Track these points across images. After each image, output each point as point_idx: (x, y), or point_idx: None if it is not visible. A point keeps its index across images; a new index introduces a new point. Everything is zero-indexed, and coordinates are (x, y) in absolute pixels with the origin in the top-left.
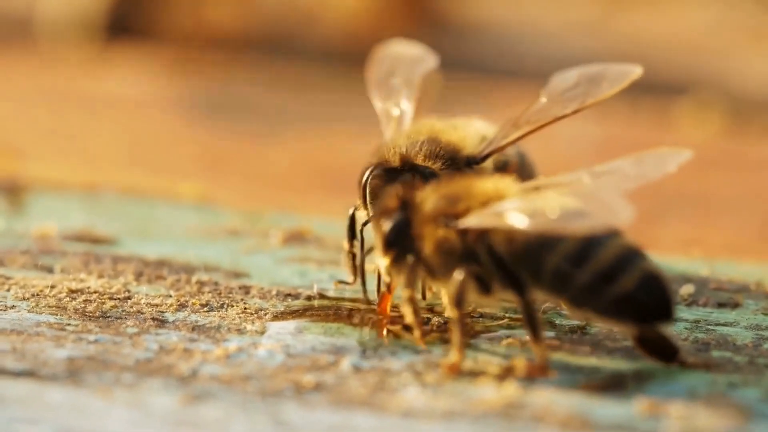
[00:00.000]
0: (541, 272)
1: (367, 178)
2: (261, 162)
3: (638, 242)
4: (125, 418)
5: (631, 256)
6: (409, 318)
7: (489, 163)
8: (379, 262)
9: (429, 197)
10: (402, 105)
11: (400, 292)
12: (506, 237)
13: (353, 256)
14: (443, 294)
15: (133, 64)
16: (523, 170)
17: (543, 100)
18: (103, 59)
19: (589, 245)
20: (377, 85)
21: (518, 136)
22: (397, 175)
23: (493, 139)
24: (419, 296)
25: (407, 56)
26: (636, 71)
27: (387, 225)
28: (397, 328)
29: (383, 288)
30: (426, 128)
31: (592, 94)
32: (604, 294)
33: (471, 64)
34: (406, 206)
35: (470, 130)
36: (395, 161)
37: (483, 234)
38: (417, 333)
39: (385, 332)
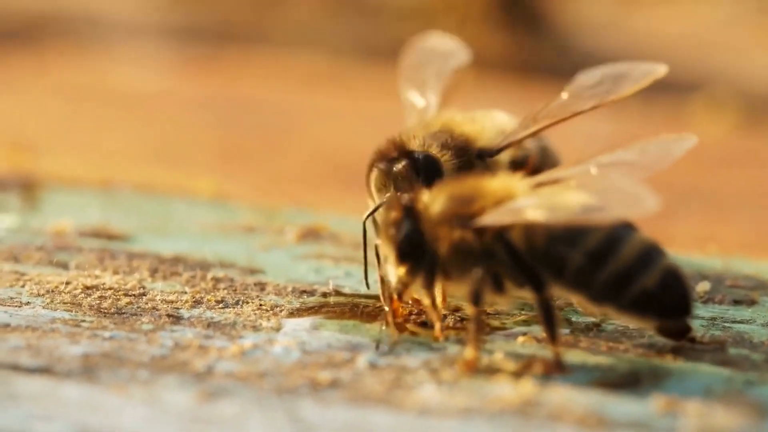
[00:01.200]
0: (562, 269)
1: (369, 171)
2: (276, 158)
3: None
4: (141, 415)
5: (653, 253)
6: (430, 313)
7: (504, 156)
8: (391, 272)
9: (437, 199)
10: (428, 97)
11: (419, 292)
12: (525, 234)
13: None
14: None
15: (149, 61)
16: (545, 164)
17: (564, 95)
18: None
19: (611, 242)
20: (407, 76)
21: (534, 130)
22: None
23: (509, 133)
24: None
25: (440, 49)
26: (659, 70)
27: (398, 236)
28: (412, 327)
29: (394, 296)
30: (443, 119)
31: (614, 92)
32: (625, 291)
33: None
34: (411, 213)
35: (488, 123)
36: (397, 151)
37: (500, 232)
38: (437, 326)
39: (394, 336)
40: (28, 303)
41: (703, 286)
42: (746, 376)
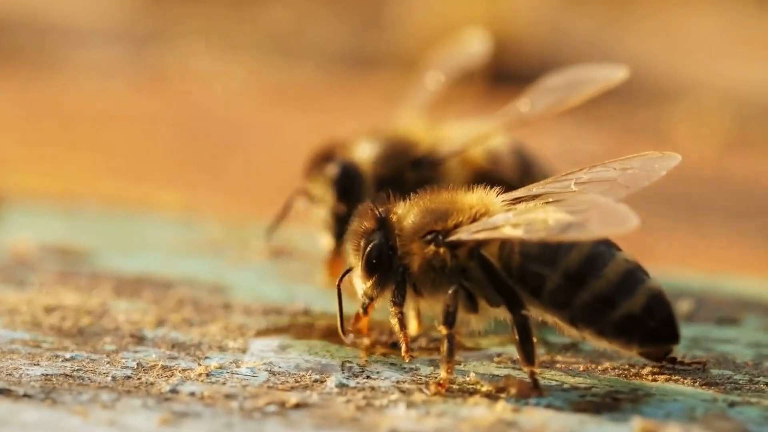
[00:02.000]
0: (539, 289)
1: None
2: (243, 172)
3: (636, 257)
4: None
5: (637, 274)
6: (397, 332)
7: (455, 164)
8: (357, 283)
9: (410, 213)
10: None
11: (388, 309)
12: (501, 251)
13: None
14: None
15: (112, 72)
16: (521, 169)
17: (522, 102)
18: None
19: (592, 261)
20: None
21: (473, 140)
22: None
23: (455, 143)
24: (407, 311)
25: (463, 50)
26: (620, 73)
27: (367, 247)
28: (380, 348)
29: (360, 310)
30: (401, 126)
31: (573, 97)
32: (607, 315)
33: None
34: (384, 224)
35: (449, 133)
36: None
37: (475, 249)
38: (404, 347)
39: (364, 356)
40: None
41: (686, 306)
42: (729, 398)
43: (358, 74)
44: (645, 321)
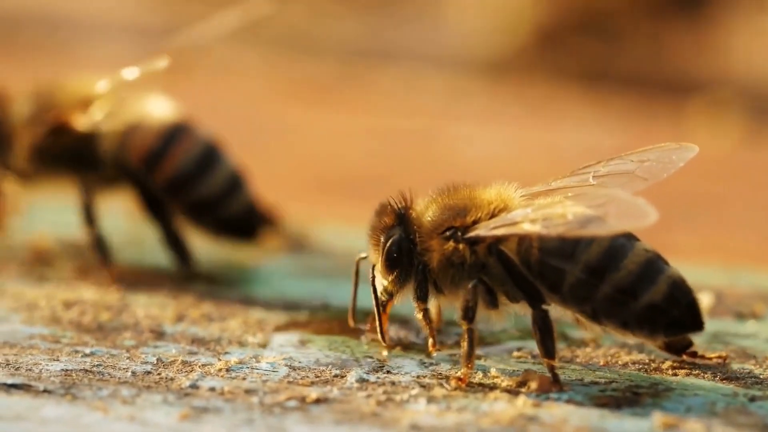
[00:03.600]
0: (559, 283)
1: None
2: (261, 168)
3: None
4: None
5: (657, 263)
6: (423, 327)
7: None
8: (378, 280)
9: (429, 209)
10: None
11: (412, 305)
12: (520, 247)
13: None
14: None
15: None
16: (202, 156)
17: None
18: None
19: (611, 253)
20: None
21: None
22: None
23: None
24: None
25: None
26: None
27: (387, 243)
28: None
29: (380, 308)
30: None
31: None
32: (629, 306)
33: None
34: (404, 220)
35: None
36: None
37: (494, 244)
38: (431, 341)
39: (386, 353)
40: (5, 318)
41: (706, 300)
42: (749, 392)
43: (374, 68)
44: (668, 309)
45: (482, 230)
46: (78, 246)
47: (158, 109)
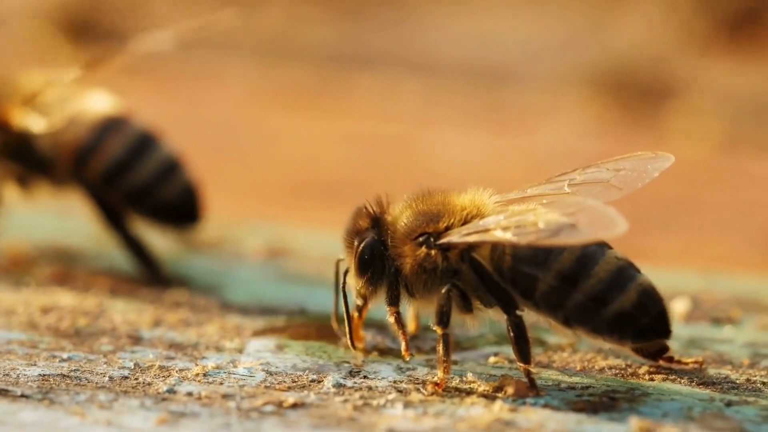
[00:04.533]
0: (531, 290)
1: None
2: (239, 174)
3: (628, 255)
4: None
5: (627, 271)
6: (395, 332)
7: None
8: (351, 283)
9: (403, 214)
10: None
11: (384, 309)
12: (493, 253)
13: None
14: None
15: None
16: (133, 148)
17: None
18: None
19: (583, 261)
20: None
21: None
22: None
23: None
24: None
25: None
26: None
27: (360, 246)
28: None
29: (354, 312)
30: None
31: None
32: (600, 313)
33: None
34: (378, 224)
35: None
36: None
37: (467, 251)
38: (403, 346)
39: (361, 358)
40: None
41: (683, 306)
42: (726, 397)
43: (352, 74)
44: (637, 317)
45: (454, 237)
46: (55, 251)
47: (95, 104)
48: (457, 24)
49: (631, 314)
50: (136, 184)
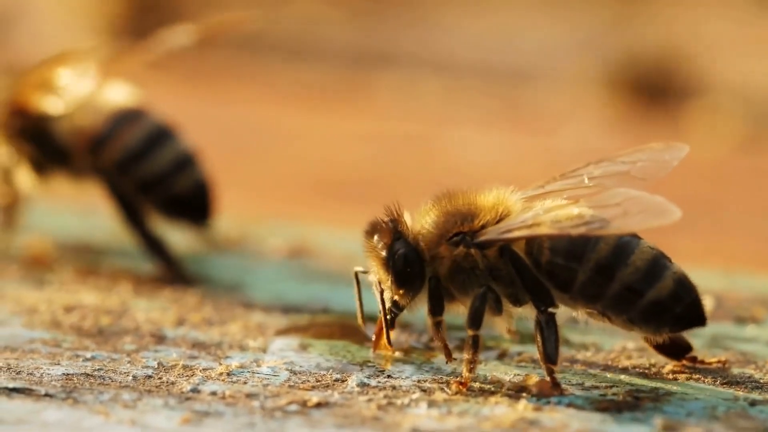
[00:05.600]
0: (568, 283)
1: None
2: (260, 173)
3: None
4: None
5: (662, 261)
6: (438, 341)
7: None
8: (386, 295)
9: (428, 218)
10: None
11: (425, 317)
12: (528, 249)
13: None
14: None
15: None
16: (149, 138)
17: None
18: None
19: (619, 252)
20: None
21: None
22: None
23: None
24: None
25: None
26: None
27: (395, 256)
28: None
29: (384, 324)
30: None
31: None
32: (637, 302)
33: None
34: (402, 232)
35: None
36: None
37: (506, 247)
38: (446, 354)
39: (389, 365)
40: (6, 322)
41: (707, 304)
42: (750, 396)
43: (372, 74)
44: (673, 306)
45: (494, 233)
46: (78, 249)
47: (114, 95)
48: (476, 24)
49: (667, 303)
50: (150, 175)
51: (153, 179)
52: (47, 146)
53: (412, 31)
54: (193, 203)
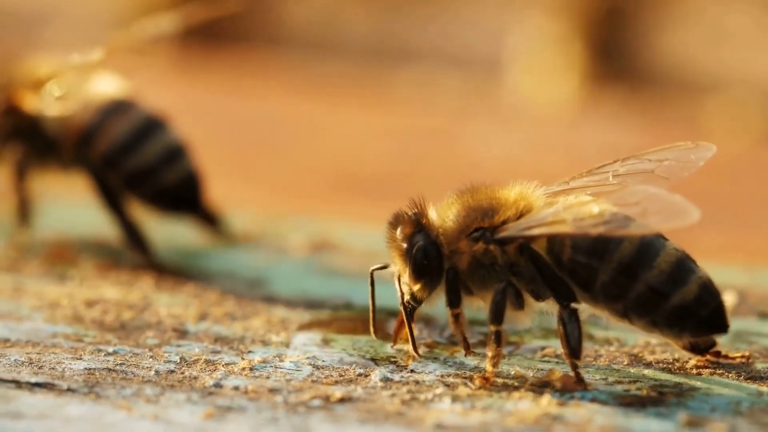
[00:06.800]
0: (589, 282)
1: None
2: (281, 168)
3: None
4: None
5: (688, 264)
6: (456, 334)
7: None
8: (404, 289)
9: (449, 212)
10: None
11: (445, 310)
12: (550, 246)
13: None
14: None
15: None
16: (137, 130)
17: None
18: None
19: (643, 252)
20: None
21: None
22: None
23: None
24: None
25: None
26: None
27: (415, 249)
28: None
29: (404, 317)
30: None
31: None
32: (661, 305)
33: None
34: (423, 226)
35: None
36: None
37: (526, 244)
38: (464, 346)
39: (411, 362)
40: (28, 317)
41: (729, 299)
42: None
43: (392, 68)
44: (697, 310)
45: (514, 230)
46: (99, 244)
47: (103, 88)
48: (494, 19)
49: (691, 307)
50: (138, 167)
51: (142, 171)
52: (36, 140)
53: (433, 25)
54: (183, 195)
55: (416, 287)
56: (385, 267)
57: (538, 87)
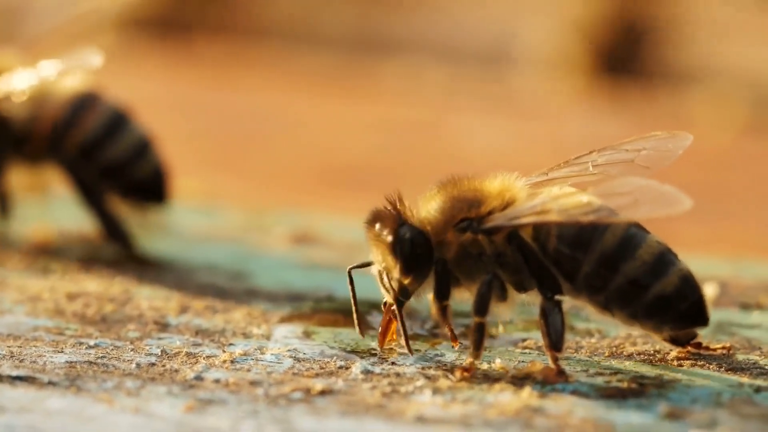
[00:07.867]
0: (573, 273)
1: None
2: (264, 160)
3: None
4: (128, 426)
5: (668, 257)
6: (442, 325)
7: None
8: (394, 284)
9: (434, 204)
10: None
11: (430, 302)
12: (535, 236)
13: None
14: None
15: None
16: (108, 124)
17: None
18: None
19: (626, 244)
20: None
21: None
22: None
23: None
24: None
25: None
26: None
27: (403, 241)
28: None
29: (391, 315)
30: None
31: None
32: (641, 296)
33: None
34: (407, 218)
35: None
36: None
37: (513, 233)
38: (452, 336)
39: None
40: (9, 310)
41: (711, 291)
42: (755, 383)
43: (376, 60)
44: (676, 303)
45: (502, 219)
46: (81, 237)
47: (67, 81)
48: (479, 11)
49: (671, 299)
50: (112, 159)
51: (115, 163)
52: (3, 137)
53: (417, 17)
54: (151, 189)
55: (407, 280)
56: (364, 266)
57: (523, 79)
